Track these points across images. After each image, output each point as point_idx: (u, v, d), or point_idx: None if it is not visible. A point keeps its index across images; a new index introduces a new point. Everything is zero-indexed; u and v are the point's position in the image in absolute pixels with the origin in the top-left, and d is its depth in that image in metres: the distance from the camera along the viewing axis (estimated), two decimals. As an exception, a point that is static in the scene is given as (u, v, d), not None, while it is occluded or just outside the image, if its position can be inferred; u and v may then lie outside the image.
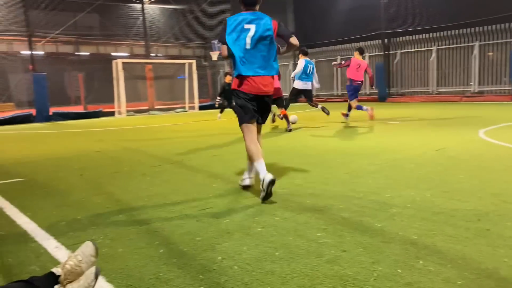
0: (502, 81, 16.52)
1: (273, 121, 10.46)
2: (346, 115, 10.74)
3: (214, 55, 23.06)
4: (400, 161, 5.08)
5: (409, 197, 3.52)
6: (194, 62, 19.68)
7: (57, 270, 1.88)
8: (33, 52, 18.05)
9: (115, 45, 27.16)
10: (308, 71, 9.78)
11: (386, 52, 20.26)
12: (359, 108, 10.60)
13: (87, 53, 27.39)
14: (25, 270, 2.39)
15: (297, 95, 10.19)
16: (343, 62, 10.89)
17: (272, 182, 3.51)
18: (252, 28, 3.73)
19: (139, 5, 21.70)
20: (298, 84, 9.86)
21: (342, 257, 2.39)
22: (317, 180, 4.28)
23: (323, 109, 10.08)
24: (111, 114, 17.94)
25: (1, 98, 20.99)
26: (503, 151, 5.45)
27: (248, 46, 3.73)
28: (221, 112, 13.27)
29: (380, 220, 2.98)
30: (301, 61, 9.81)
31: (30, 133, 11.67)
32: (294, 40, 3.81)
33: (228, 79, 12.52)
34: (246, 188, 4.06)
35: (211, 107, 19.10)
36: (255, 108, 3.86)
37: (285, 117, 9.10)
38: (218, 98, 13.03)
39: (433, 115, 11.23)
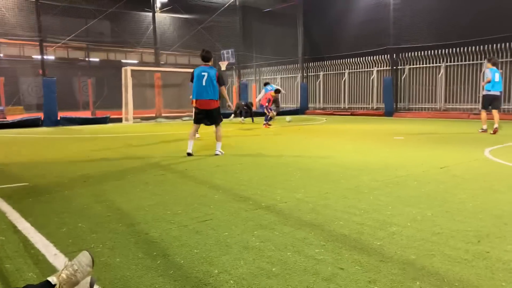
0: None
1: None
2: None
3: (223, 65, 23.26)
4: (403, 178, 5.06)
5: (409, 216, 3.50)
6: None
7: (52, 279, 1.89)
8: (44, 57, 18.29)
9: (125, 52, 27.45)
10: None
11: (394, 67, 20.26)
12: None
13: (97, 60, 27.68)
14: (22, 277, 2.40)
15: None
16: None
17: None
18: (206, 74, 7.00)
19: (150, 14, 21.94)
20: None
21: (339, 274, 2.38)
22: (318, 195, 4.28)
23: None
24: (119, 120, 18.07)
25: (11, 101, 21.22)
26: (507, 171, 5.42)
27: (204, 84, 7.00)
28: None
29: (379, 238, 2.97)
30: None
31: (37, 137, 11.78)
32: (222, 89, 7.23)
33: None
34: (189, 155, 7.15)
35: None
36: (202, 117, 7.28)
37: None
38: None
39: (440, 132, 11.19)
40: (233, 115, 17.85)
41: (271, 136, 11.12)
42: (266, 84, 16.54)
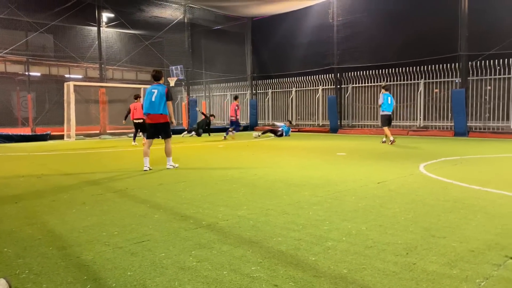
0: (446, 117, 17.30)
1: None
2: (226, 135, 16.80)
3: (172, 81, 23.05)
4: (342, 193, 5.22)
5: (345, 230, 3.61)
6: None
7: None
8: (-22, 71, 17.24)
9: (68, 67, 26.49)
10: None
11: (338, 86, 21.05)
12: (227, 133, 16.81)
13: (38, 74, 26.50)
14: None
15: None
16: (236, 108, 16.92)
17: None
18: (156, 91, 7.56)
19: (96, 28, 21.40)
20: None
21: (272, 292, 2.40)
22: (259, 212, 4.31)
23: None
24: (61, 137, 17.31)
25: None
26: (438, 185, 5.74)
27: (153, 99, 7.53)
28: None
29: (314, 254, 3.03)
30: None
31: (-32, 155, 10.99)
32: (169, 103, 7.63)
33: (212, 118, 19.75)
34: (146, 170, 7.52)
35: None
36: (153, 131, 7.77)
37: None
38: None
39: (380, 148, 11.69)
40: (186, 132, 19.55)
41: (219, 152, 11.10)
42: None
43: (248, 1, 20.76)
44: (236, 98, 17.01)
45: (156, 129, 7.73)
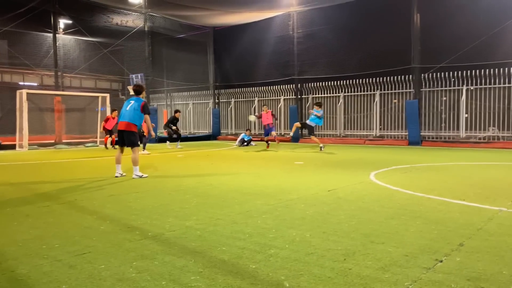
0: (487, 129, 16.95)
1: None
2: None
3: (132, 89, 22.69)
4: (293, 201, 5.32)
5: (289, 238, 3.69)
6: (108, 95, 19.20)
7: None
8: None
9: (22, 74, 25.57)
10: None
11: (299, 96, 21.43)
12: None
13: (-10, 81, 25.41)
14: None
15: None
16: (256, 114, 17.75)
17: None
18: (132, 102, 8.02)
19: (52, 35, 20.82)
20: None
21: (209, 301, 2.42)
22: (209, 222, 4.32)
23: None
24: (12, 147, 16.62)
25: None
26: (384, 192, 5.96)
27: (127, 109, 8.00)
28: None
29: (256, 262, 3.08)
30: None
31: None
32: (146, 117, 8.11)
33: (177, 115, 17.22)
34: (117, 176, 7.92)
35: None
36: (120, 138, 8.11)
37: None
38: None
39: (336, 157, 11.96)
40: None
41: (178, 161, 11.01)
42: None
43: (209, 11, 20.84)
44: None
45: (121, 136, 8.04)
